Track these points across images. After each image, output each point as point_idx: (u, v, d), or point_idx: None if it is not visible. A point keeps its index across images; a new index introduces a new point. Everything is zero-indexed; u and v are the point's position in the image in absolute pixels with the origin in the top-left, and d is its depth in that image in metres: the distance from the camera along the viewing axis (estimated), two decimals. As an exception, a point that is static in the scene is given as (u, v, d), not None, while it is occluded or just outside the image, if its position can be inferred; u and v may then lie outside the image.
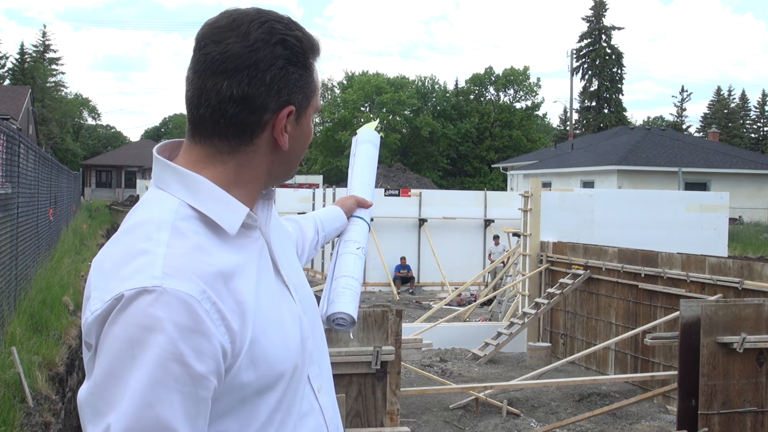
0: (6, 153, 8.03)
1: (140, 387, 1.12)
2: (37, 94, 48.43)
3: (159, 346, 1.12)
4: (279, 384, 1.28)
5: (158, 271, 1.16)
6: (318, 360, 1.44)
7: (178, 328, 1.13)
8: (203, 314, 1.16)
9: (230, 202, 1.30)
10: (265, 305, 1.28)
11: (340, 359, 4.84)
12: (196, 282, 1.17)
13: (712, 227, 12.43)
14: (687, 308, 5.37)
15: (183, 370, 1.13)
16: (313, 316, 1.48)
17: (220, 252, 1.25)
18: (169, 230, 1.22)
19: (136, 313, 1.13)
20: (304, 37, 1.34)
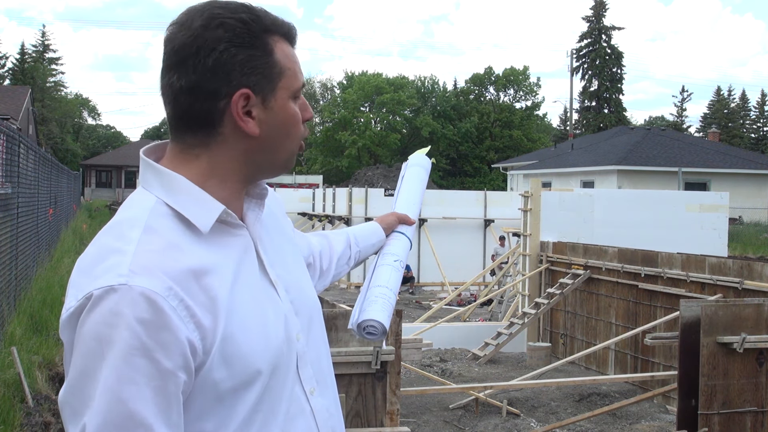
0: (6, 153, 8.03)
1: (110, 384, 1.14)
2: (37, 94, 48.44)
3: (125, 342, 1.14)
4: (256, 383, 1.27)
5: (125, 269, 1.18)
6: (312, 362, 1.42)
7: (143, 325, 1.15)
8: (169, 310, 1.17)
9: (204, 200, 1.30)
10: (243, 303, 1.28)
11: (340, 359, 4.84)
12: (163, 279, 1.18)
13: (712, 227, 12.43)
14: (687, 308, 5.37)
15: (150, 365, 1.15)
16: (310, 317, 1.46)
17: (193, 249, 1.25)
18: (141, 228, 1.24)
19: (103, 312, 1.15)
20: (253, 17, 1.31)
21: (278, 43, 1.33)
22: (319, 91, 64.53)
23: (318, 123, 61.42)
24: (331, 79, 65.46)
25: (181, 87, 1.28)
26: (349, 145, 54.36)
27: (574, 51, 54.22)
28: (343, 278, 18.30)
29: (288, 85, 1.33)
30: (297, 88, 1.34)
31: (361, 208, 18.44)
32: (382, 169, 37.02)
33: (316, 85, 64.62)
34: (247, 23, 1.30)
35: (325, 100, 63.28)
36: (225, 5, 1.31)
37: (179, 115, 1.30)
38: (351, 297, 16.39)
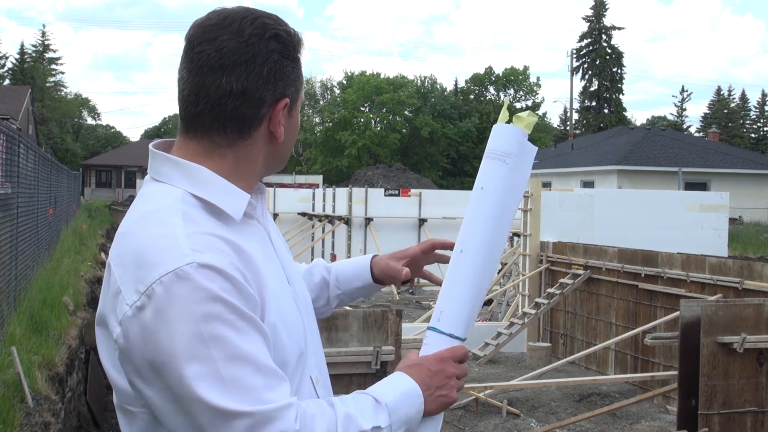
0: (6, 153, 8.03)
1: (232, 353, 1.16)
2: (36, 94, 48.43)
3: (221, 313, 1.17)
4: (289, 368, 1.31)
5: (186, 249, 1.19)
6: (314, 351, 1.46)
7: (228, 293, 1.18)
8: (240, 278, 1.21)
9: (232, 189, 1.34)
10: (276, 291, 1.33)
11: (340, 359, 4.84)
12: (222, 254, 1.21)
13: (712, 227, 12.42)
14: (687, 308, 5.37)
15: (249, 324, 1.20)
16: (308, 308, 1.50)
17: (229, 236, 1.28)
18: (180, 215, 1.26)
19: (182, 294, 1.16)
20: (293, 32, 1.38)
21: (302, 56, 1.41)
22: (319, 91, 64.49)
23: (318, 123, 61.41)
24: (331, 79, 65.43)
25: (231, 90, 1.30)
26: (349, 145, 54.35)
27: (574, 51, 54.22)
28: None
29: (301, 97, 1.44)
30: (303, 98, 1.46)
31: (361, 208, 18.43)
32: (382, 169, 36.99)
33: (317, 85, 64.59)
34: (291, 36, 1.38)
35: (325, 100, 63.25)
36: (268, 15, 1.37)
37: (217, 115, 1.32)
38: (351, 297, 16.39)
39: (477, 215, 1.61)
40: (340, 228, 18.95)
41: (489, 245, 1.57)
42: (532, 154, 1.62)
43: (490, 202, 1.59)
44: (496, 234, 1.57)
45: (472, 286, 1.52)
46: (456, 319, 1.50)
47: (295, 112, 1.41)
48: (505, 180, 1.59)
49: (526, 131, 1.61)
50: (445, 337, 1.50)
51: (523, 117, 1.62)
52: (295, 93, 1.39)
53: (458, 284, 1.54)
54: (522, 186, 1.62)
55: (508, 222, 1.60)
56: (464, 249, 1.60)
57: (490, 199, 1.60)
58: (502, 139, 1.61)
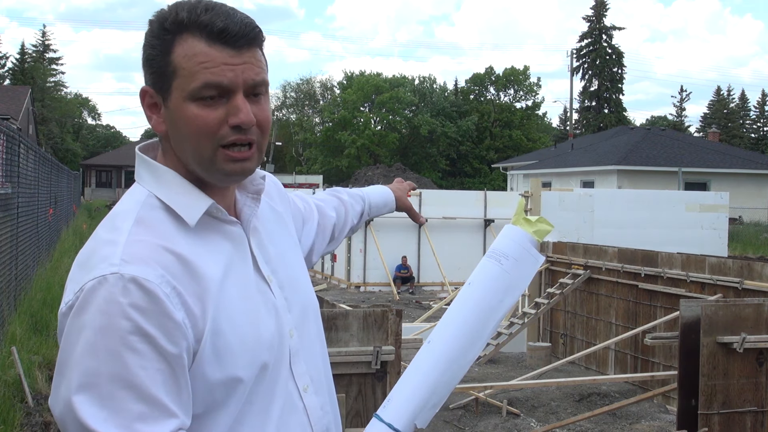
0: (6, 153, 8.03)
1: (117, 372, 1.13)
2: (37, 94, 48.43)
3: (123, 329, 1.14)
4: (246, 377, 1.27)
5: (117, 258, 1.19)
6: (306, 359, 1.42)
7: (140, 311, 1.15)
8: (163, 297, 1.17)
9: (192, 194, 1.31)
10: (232, 297, 1.28)
11: (340, 359, 4.84)
12: (155, 267, 1.19)
13: (712, 227, 12.43)
14: (687, 308, 5.37)
15: (153, 350, 1.15)
16: (304, 314, 1.46)
17: (183, 241, 1.26)
18: (132, 220, 1.25)
19: (97, 302, 1.16)
20: (173, 15, 1.28)
21: (188, 42, 1.27)
22: (319, 91, 64.50)
23: (318, 123, 61.42)
24: (331, 79, 65.41)
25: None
26: (348, 144, 54.35)
27: (574, 51, 54.21)
28: (343, 278, 18.31)
29: (182, 86, 1.27)
30: (193, 89, 1.26)
31: (361, 208, 18.41)
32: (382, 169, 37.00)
33: (317, 85, 64.61)
34: (162, 21, 1.29)
35: (325, 100, 63.26)
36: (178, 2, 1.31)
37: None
38: (351, 297, 16.40)
39: (457, 311, 1.54)
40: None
41: (460, 344, 1.49)
42: (536, 263, 1.58)
43: (474, 300, 1.54)
44: (472, 334, 1.51)
45: (429, 382, 1.45)
46: (400, 411, 1.44)
47: (172, 103, 1.28)
48: (496, 281, 1.54)
49: (534, 238, 1.57)
50: (384, 426, 1.44)
51: (533, 222, 1.59)
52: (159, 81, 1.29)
53: (414, 376, 1.48)
54: (516, 291, 1.56)
55: (492, 323, 1.53)
56: (432, 341, 1.53)
57: (474, 297, 1.54)
58: (505, 240, 1.58)
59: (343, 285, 18.38)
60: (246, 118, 1.27)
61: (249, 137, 1.29)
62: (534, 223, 1.59)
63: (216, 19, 1.26)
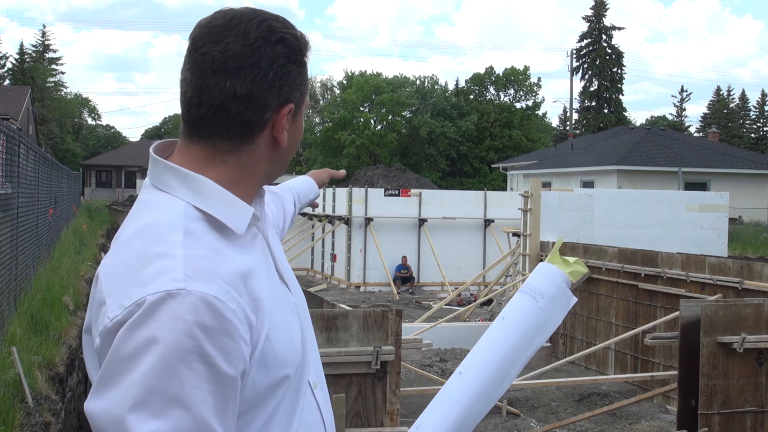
0: (6, 153, 8.03)
1: (175, 390, 1.10)
2: (37, 94, 48.42)
3: (187, 350, 1.11)
4: (287, 380, 1.29)
5: (180, 273, 1.14)
6: (312, 356, 1.45)
7: (205, 331, 1.12)
8: (230, 315, 1.15)
9: (235, 203, 1.30)
10: (273, 303, 1.29)
11: (340, 359, 4.84)
12: (220, 283, 1.16)
13: (712, 227, 12.43)
14: (687, 308, 5.37)
15: (210, 371, 1.12)
16: (306, 313, 1.49)
17: (232, 252, 1.24)
18: (181, 232, 1.21)
19: (161, 318, 1.11)
20: (300, 35, 1.35)
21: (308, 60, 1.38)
22: (320, 91, 64.49)
23: (318, 123, 61.39)
24: (331, 79, 65.40)
25: (235, 94, 1.27)
26: (348, 144, 54.34)
27: (574, 51, 54.20)
28: (343, 278, 18.31)
29: (307, 101, 1.40)
30: (307, 103, 1.41)
31: (361, 208, 18.44)
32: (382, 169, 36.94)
33: (317, 85, 64.59)
34: (298, 40, 1.34)
35: (325, 100, 63.25)
36: (275, 18, 1.33)
37: (221, 119, 1.28)
38: (350, 297, 16.39)
39: (489, 344, 1.58)
40: (340, 228, 18.94)
41: (491, 376, 1.52)
42: (568, 303, 1.60)
43: (507, 335, 1.57)
44: (503, 367, 1.54)
45: (458, 412, 1.48)
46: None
47: (299, 117, 1.38)
48: (531, 317, 1.57)
49: (569, 278, 1.61)
50: None
51: (570, 263, 1.63)
52: (300, 98, 1.36)
53: (445, 405, 1.50)
54: (548, 329, 1.58)
55: (522, 360, 1.56)
56: (464, 372, 1.55)
57: (508, 332, 1.57)
58: (542, 278, 1.61)
59: (343, 285, 18.38)
60: None
61: None
62: (571, 264, 1.62)
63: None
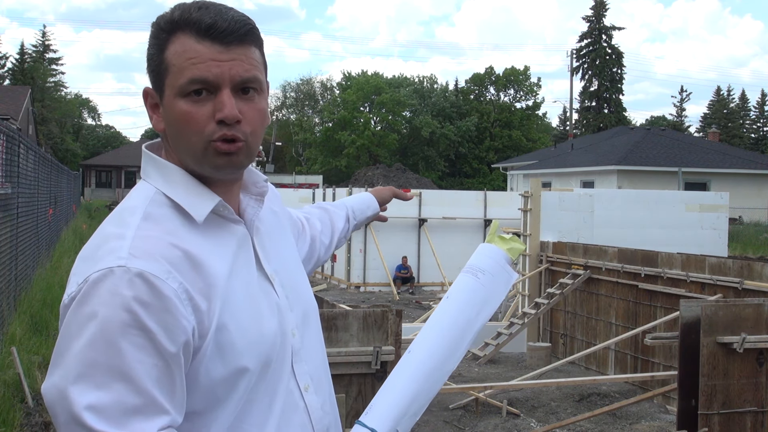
0: (6, 153, 8.03)
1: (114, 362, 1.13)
2: (36, 94, 48.43)
3: (125, 323, 1.14)
4: (248, 374, 1.28)
5: (125, 252, 1.20)
6: (307, 359, 1.43)
7: (143, 306, 1.16)
8: (169, 292, 1.18)
9: (200, 192, 1.33)
10: (237, 294, 1.30)
11: (340, 359, 4.84)
12: (162, 262, 1.20)
13: (712, 227, 12.43)
14: (687, 308, 5.37)
15: (151, 346, 1.15)
16: (305, 315, 1.47)
17: (190, 238, 1.28)
18: (140, 215, 1.27)
19: (100, 293, 1.16)
20: (171, 15, 1.32)
21: (179, 39, 1.30)
22: (319, 92, 64.49)
23: (318, 123, 61.39)
24: (330, 79, 65.35)
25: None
26: (348, 145, 54.33)
27: (574, 51, 54.18)
28: (343, 278, 18.31)
29: (173, 83, 1.30)
30: (181, 85, 1.29)
31: (361, 208, 18.42)
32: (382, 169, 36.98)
33: (316, 86, 64.59)
34: (162, 21, 1.32)
35: (324, 100, 63.24)
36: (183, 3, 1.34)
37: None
38: (351, 297, 16.39)
39: (435, 322, 1.62)
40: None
41: (440, 354, 1.56)
42: (510, 279, 1.67)
43: (452, 312, 1.61)
44: (450, 345, 1.57)
45: (410, 390, 1.51)
46: (383, 417, 1.48)
47: (166, 100, 1.31)
48: (473, 294, 1.63)
49: (507, 255, 1.67)
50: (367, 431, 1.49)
51: (507, 240, 1.69)
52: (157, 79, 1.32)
53: (396, 384, 1.54)
54: (492, 305, 1.63)
55: (469, 335, 1.60)
56: (412, 351, 1.59)
57: (452, 309, 1.62)
58: (482, 257, 1.69)
59: (343, 285, 18.38)
60: (229, 113, 1.28)
61: (234, 133, 1.30)
62: (508, 241, 1.69)
63: (205, 15, 1.28)
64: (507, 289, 1.67)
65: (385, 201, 2.14)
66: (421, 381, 1.52)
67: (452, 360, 1.57)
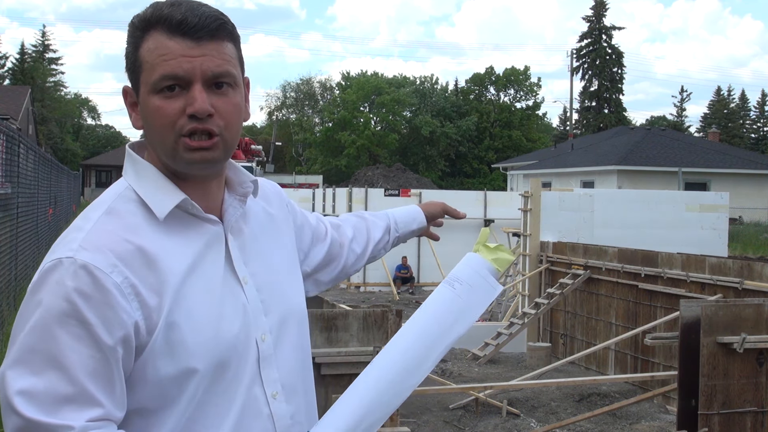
0: (6, 153, 8.03)
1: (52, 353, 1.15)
2: (36, 94, 48.43)
3: (64, 313, 1.17)
4: (198, 374, 1.26)
5: (76, 244, 1.22)
6: (280, 365, 1.39)
7: (84, 297, 1.18)
8: (111, 286, 1.20)
9: (166, 188, 1.33)
10: (195, 293, 1.28)
11: (340, 359, 4.84)
12: (109, 255, 1.22)
13: (712, 227, 12.42)
14: (687, 308, 5.37)
15: (88, 336, 1.17)
16: (283, 320, 1.42)
17: (150, 234, 1.28)
18: (103, 210, 1.30)
19: (49, 282, 1.19)
20: (146, 13, 1.33)
21: (153, 36, 1.31)
22: (319, 92, 64.48)
23: (318, 123, 61.39)
24: (330, 79, 65.32)
25: None
26: (348, 145, 54.33)
27: (574, 51, 54.19)
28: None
29: (146, 79, 1.31)
30: (153, 81, 1.29)
31: (361, 208, 18.43)
32: (382, 169, 37.00)
33: (316, 86, 64.58)
34: (136, 20, 1.34)
35: (324, 100, 63.25)
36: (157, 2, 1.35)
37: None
38: (351, 297, 16.39)
39: (404, 333, 1.52)
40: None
41: (402, 368, 1.46)
42: (492, 291, 1.55)
43: (422, 323, 1.52)
44: (416, 359, 1.47)
45: (363, 403, 1.41)
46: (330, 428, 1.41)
47: (141, 97, 1.33)
48: (447, 305, 1.52)
49: (492, 265, 1.55)
50: None
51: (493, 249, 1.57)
52: (132, 77, 1.34)
53: (350, 396, 1.44)
54: (469, 318, 1.52)
55: (438, 349, 1.49)
56: (374, 363, 1.49)
57: (421, 321, 1.52)
58: (464, 267, 1.57)
59: (343, 285, 18.37)
60: (200, 107, 1.28)
61: (207, 126, 1.29)
62: (494, 250, 1.57)
63: (176, 12, 1.29)
64: (488, 302, 1.55)
65: (434, 216, 1.99)
66: (377, 394, 1.43)
67: (418, 373, 1.47)
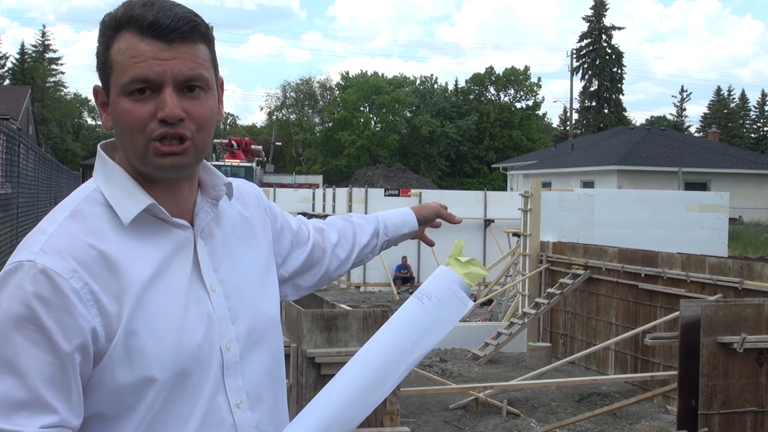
0: (6, 153, 8.03)
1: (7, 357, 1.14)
2: (36, 94, 48.44)
3: (21, 317, 1.15)
4: (158, 382, 1.24)
5: (38, 247, 1.20)
6: (246, 373, 1.36)
7: (42, 302, 1.16)
8: (70, 292, 1.17)
9: (133, 192, 1.30)
10: (157, 300, 1.26)
11: (339, 359, 4.84)
12: (69, 261, 1.19)
13: (712, 227, 12.42)
14: (687, 308, 5.37)
15: (48, 343, 1.15)
16: (251, 328, 1.39)
17: (114, 239, 1.25)
18: (69, 212, 1.27)
19: (8, 285, 1.18)
20: (116, 13, 1.30)
21: (124, 37, 1.28)
22: (319, 92, 64.48)
23: (318, 123, 61.39)
24: (330, 80, 65.31)
25: None
26: (348, 145, 54.34)
27: (574, 51, 54.21)
28: (343, 278, 18.30)
29: (116, 81, 1.29)
30: (124, 84, 1.27)
31: (361, 208, 18.43)
32: (382, 169, 37.01)
33: (316, 86, 64.59)
34: (107, 19, 1.31)
35: (324, 100, 63.24)
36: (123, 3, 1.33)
37: None
38: (351, 297, 16.39)
39: (368, 348, 1.49)
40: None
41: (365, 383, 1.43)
42: (462, 307, 1.50)
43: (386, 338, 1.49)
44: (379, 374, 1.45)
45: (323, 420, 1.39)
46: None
47: (111, 98, 1.31)
48: (413, 320, 1.48)
49: (463, 280, 1.51)
50: None
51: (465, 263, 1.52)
52: (103, 77, 1.32)
53: (310, 413, 1.42)
54: (436, 334, 1.47)
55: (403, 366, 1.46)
56: (336, 377, 1.46)
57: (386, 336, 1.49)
58: (434, 281, 1.53)
59: (343, 285, 18.38)
60: (170, 112, 1.25)
61: (178, 131, 1.27)
62: (466, 264, 1.52)
63: (148, 12, 1.26)
64: (458, 317, 1.50)
65: (427, 220, 1.90)
66: (337, 410, 1.40)
67: (381, 390, 1.44)
